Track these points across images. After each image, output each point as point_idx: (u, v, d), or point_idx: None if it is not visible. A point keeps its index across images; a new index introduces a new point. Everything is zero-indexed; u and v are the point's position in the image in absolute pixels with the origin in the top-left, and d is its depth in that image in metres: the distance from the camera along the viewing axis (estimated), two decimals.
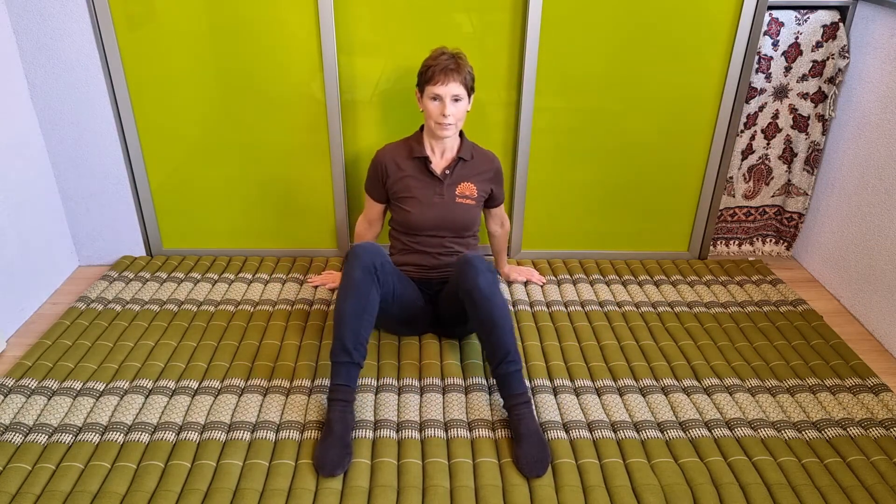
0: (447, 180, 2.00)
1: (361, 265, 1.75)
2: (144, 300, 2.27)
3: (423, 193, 1.99)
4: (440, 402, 1.82)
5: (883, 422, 1.78)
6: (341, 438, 1.61)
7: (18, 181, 2.21)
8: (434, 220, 2.00)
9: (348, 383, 1.71)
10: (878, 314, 2.20)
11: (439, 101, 1.87)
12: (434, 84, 1.85)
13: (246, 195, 2.51)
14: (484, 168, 2.05)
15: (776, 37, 2.34)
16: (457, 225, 2.01)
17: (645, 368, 1.97)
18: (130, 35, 2.22)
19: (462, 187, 2.01)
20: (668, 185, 2.54)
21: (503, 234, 2.29)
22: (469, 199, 2.02)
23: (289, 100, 2.33)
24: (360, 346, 1.73)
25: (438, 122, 1.88)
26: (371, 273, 1.76)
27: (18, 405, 1.77)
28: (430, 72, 1.85)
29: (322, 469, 1.56)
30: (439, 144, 1.99)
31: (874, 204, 2.24)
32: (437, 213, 1.99)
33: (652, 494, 1.53)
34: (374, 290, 1.76)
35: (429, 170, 1.98)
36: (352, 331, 1.72)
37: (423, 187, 1.99)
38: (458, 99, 1.88)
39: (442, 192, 1.99)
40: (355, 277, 1.74)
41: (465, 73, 1.87)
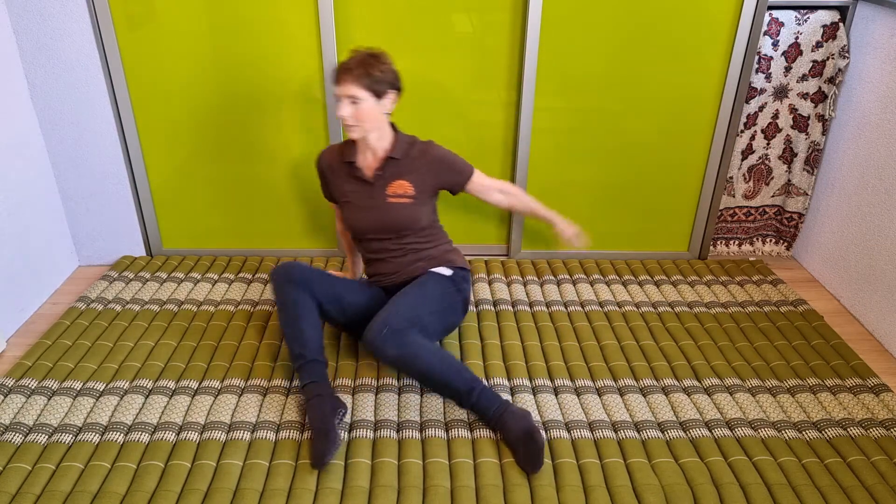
0: (378, 182, 1.94)
1: (280, 283, 1.83)
2: (144, 300, 2.27)
3: (357, 197, 1.96)
4: (441, 401, 1.82)
5: (883, 422, 1.78)
6: (323, 430, 1.63)
7: (18, 181, 2.21)
8: (370, 224, 1.96)
9: (313, 379, 1.74)
10: (879, 314, 2.20)
11: (340, 101, 1.82)
12: (334, 84, 1.82)
13: (246, 195, 2.51)
14: (417, 162, 1.95)
15: (776, 37, 2.34)
16: (394, 226, 1.94)
17: (645, 368, 1.97)
18: (130, 35, 2.22)
19: (394, 186, 1.93)
20: (668, 185, 2.54)
21: (514, 197, 2.08)
22: (404, 197, 1.93)
23: (289, 100, 2.33)
24: (309, 346, 1.78)
25: (344, 123, 1.85)
26: (289, 282, 1.82)
27: (18, 405, 1.77)
28: (335, 72, 1.82)
29: (313, 463, 1.58)
30: (368, 146, 1.94)
31: (874, 204, 2.24)
32: (371, 216, 1.95)
33: (652, 494, 1.53)
34: (301, 295, 1.81)
35: (356, 174, 1.96)
36: (296, 337, 1.79)
37: (356, 191, 1.97)
38: (355, 100, 1.79)
39: (373, 195, 1.95)
40: (278, 293, 1.83)
41: (362, 74, 1.77)
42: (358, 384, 1.88)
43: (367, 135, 1.88)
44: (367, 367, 1.94)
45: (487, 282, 2.43)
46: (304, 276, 1.83)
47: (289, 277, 1.82)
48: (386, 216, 1.94)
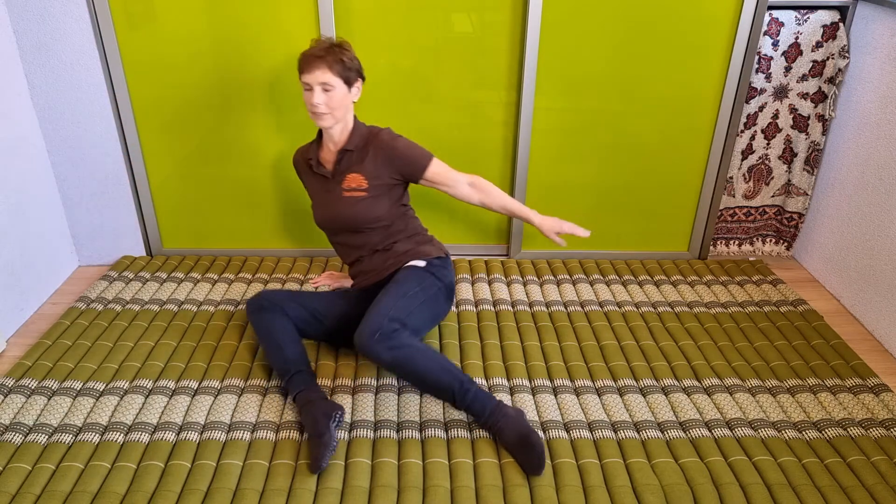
0: (336, 176, 1.92)
1: (251, 311, 1.89)
2: (144, 300, 2.27)
3: (317, 192, 1.97)
4: (440, 402, 1.82)
5: (883, 422, 1.78)
6: (317, 434, 1.63)
7: (18, 181, 2.21)
8: (328, 220, 1.95)
9: (302, 388, 1.76)
10: (879, 314, 2.20)
11: (310, 90, 1.80)
12: (302, 73, 1.80)
13: (246, 195, 2.51)
14: (372, 153, 1.88)
15: (776, 37, 2.34)
16: (350, 221, 1.90)
17: (645, 368, 1.97)
18: (130, 35, 2.22)
19: (348, 180, 1.89)
20: (668, 185, 2.54)
21: (483, 192, 1.95)
22: (358, 190, 1.88)
23: (289, 100, 2.33)
24: (290, 359, 1.81)
25: (312, 111, 1.83)
26: (262, 308, 1.86)
27: (18, 405, 1.77)
28: (300, 61, 1.81)
29: (310, 468, 1.58)
30: (330, 138, 1.92)
31: (874, 204, 2.24)
32: (329, 212, 1.94)
33: (652, 494, 1.53)
34: (273, 317, 1.85)
35: (314, 170, 1.95)
36: (275, 356, 1.82)
37: (316, 186, 1.97)
38: (328, 88, 1.78)
39: (330, 189, 1.93)
40: (254, 322, 1.87)
41: (333, 62, 1.77)
42: (358, 384, 1.88)
43: (336, 124, 1.86)
44: (367, 367, 1.94)
45: (487, 282, 2.43)
46: (273, 301, 1.88)
47: (259, 306, 1.88)
48: (341, 211, 1.90)
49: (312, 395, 1.73)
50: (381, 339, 1.67)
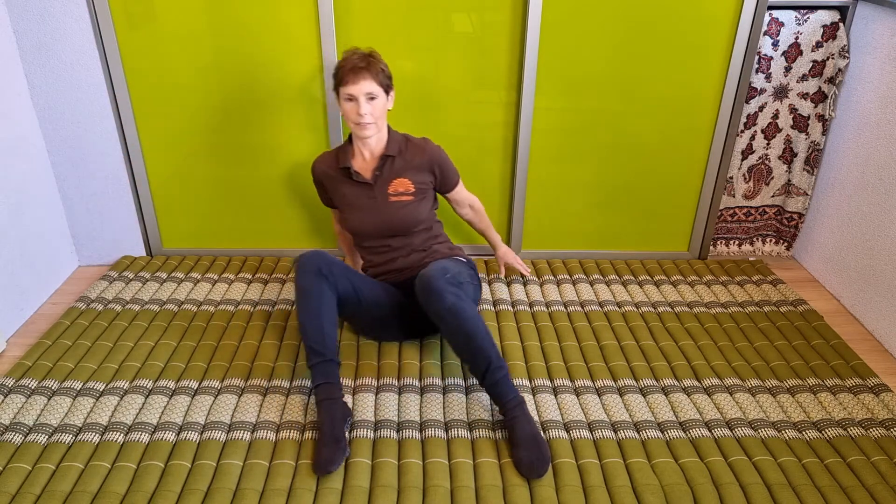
0: (378, 181, 1.95)
1: (305, 271, 1.77)
2: (144, 300, 2.27)
3: (357, 199, 1.97)
4: (441, 402, 1.82)
5: (883, 422, 1.78)
6: (332, 435, 1.62)
7: (18, 181, 2.21)
8: (374, 225, 1.97)
9: (328, 380, 1.72)
10: (879, 314, 2.20)
11: (354, 101, 1.83)
12: (346, 84, 1.82)
13: (246, 195, 2.51)
14: (417, 159, 1.97)
15: (776, 37, 2.34)
16: (397, 225, 1.96)
17: (645, 368, 1.97)
18: (130, 35, 2.22)
19: (395, 185, 1.95)
20: (668, 185, 2.54)
21: (474, 215, 2.22)
22: (405, 195, 1.95)
23: (289, 100, 2.33)
24: (328, 345, 1.74)
25: (357, 122, 1.85)
26: (317, 274, 1.77)
27: (18, 405, 1.77)
28: (341, 73, 1.83)
29: (316, 468, 1.56)
30: (366, 146, 1.95)
31: (874, 204, 2.24)
32: (373, 217, 1.96)
33: (652, 494, 1.53)
34: (326, 289, 1.77)
35: (353, 177, 1.96)
36: (314, 332, 1.74)
37: (355, 194, 1.97)
38: (373, 97, 1.83)
39: (374, 195, 1.96)
40: (303, 282, 1.77)
41: (376, 71, 1.82)
42: (358, 384, 1.88)
43: (378, 132, 1.90)
44: (367, 368, 1.94)
45: (487, 282, 2.43)
46: (330, 269, 1.79)
47: (316, 268, 1.77)
48: (389, 216, 1.95)
49: (336, 394, 1.71)
50: (449, 281, 1.70)
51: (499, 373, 1.69)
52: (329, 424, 1.64)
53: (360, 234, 1.99)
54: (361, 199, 1.96)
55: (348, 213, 1.99)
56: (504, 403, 1.69)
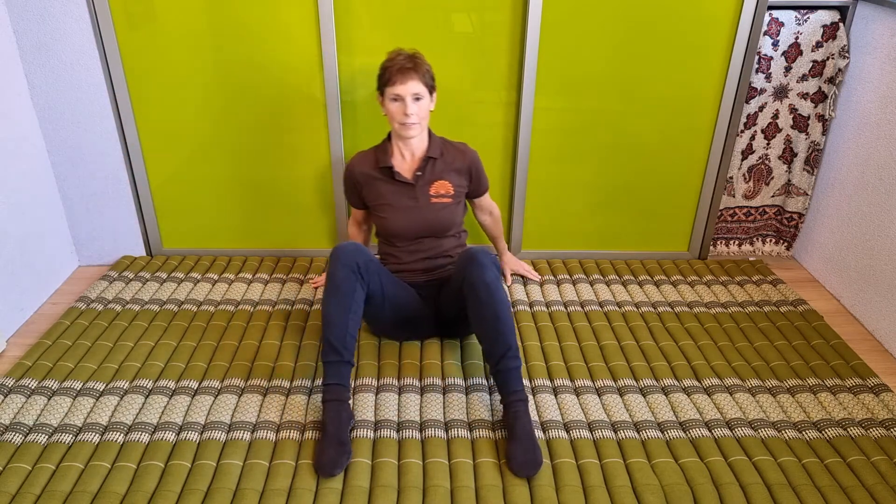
0: (420, 182, 1.97)
1: (343, 264, 1.75)
2: (144, 300, 2.27)
3: (397, 199, 1.97)
4: (441, 402, 1.82)
5: (883, 422, 1.78)
6: (337, 437, 1.61)
7: (18, 181, 2.21)
8: (414, 225, 1.97)
9: (340, 382, 1.71)
10: (879, 314, 2.20)
11: (400, 101, 1.85)
12: (393, 85, 1.83)
13: (246, 195, 2.51)
14: (457, 163, 2.01)
15: (776, 37, 2.34)
16: (437, 226, 1.98)
17: (645, 368, 1.97)
18: (130, 35, 2.22)
19: (436, 186, 1.98)
20: (668, 185, 2.54)
21: (493, 222, 2.27)
22: (445, 197, 1.98)
23: (289, 100, 2.33)
24: (348, 345, 1.73)
25: (402, 122, 1.87)
26: (353, 271, 1.75)
27: (18, 405, 1.77)
28: (388, 73, 1.84)
29: (320, 469, 1.56)
30: (407, 147, 1.97)
31: (874, 204, 2.24)
32: (413, 217, 1.97)
33: (652, 494, 1.53)
34: (359, 288, 1.76)
35: (396, 178, 1.96)
36: (339, 330, 1.72)
37: (396, 193, 1.97)
38: (419, 97, 1.85)
39: (416, 196, 1.97)
40: (338, 276, 1.74)
41: (422, 72, 1.84)
42: (358, 384, 1.88)
43: (421, 133, 1.92)
44: (367, 368, 1.94)
45: None
46: (367, 267, 1.78)
47: (354, 264, 1.75)
48: (429, 216, 1.97)
49: (345, 396, 1.70)
50: (493, 261, 1.75)
51: (514, 362, 1.70)
52: (335, 426, 1.63)
53: (396, 233, 1.99)
54: (402, 200, 1.97)
55: (386, 213, 1.98)
56: (510, 394, 1.69)
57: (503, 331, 1.70)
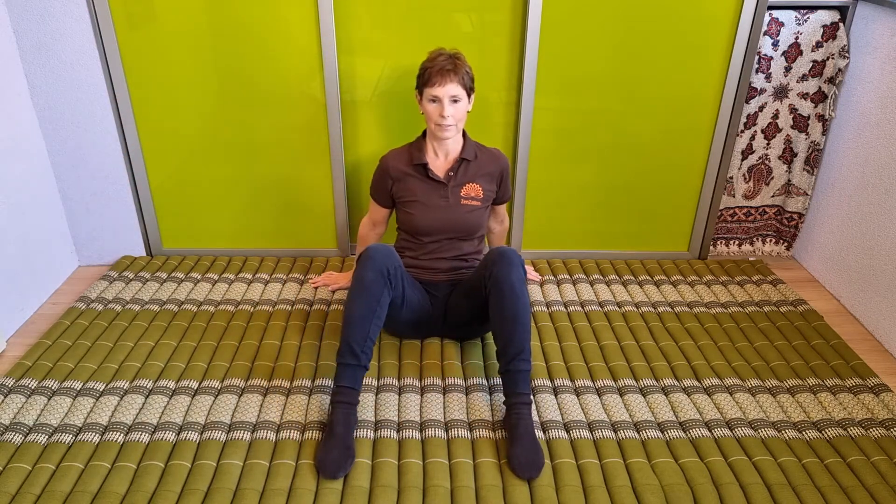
0: (452, 182, 1.97)
1: (374, 267, 1.74)
2: (144, 300, 2.27)
3: (428, 198, 1.97)
4: (441, 402, 1.82)
5: (883, 422, 1.78)
6: (343, 440, 1.61)
7: (18, 181, 2.21)
8: (440, 224, 1.98)
9: (353, 385, 1.70)
10: (879, 314, 2.20)
11: (438, 102, 1.85)
12: (432, 86, 1.84)
13: (246, 195, 2.51)
14: (490, 167, 2.02)
15: (776, 37, 2.34)
16: (464, 227, 1.99)
17: (645, 368, 1.97)
18: (130, 35, 2.22)
19: (467, 189, 1.99)
20: (668, 185, 2.54)
21: (501, 232, 2.27)
22: (475, 200, 2.00)
23: (289, 100, 2.33)
24: (367, 349, 1.72)
25: (438, 123, 1.87)
26: (383, 276, 1.74)
27: (18, 405, 1.77)
28: (428, 74, 1.85)
29: (323, 471, 1.56)
30: (442, 147, 1.97)
31: (874, 204, 2.24)
32: (442, 216, 1.97)
33: (652, 494, 1.53)
34: (386, 294, 1.75)
35: (430, 175, 1.97)
36: (360, 333, 1.71)
37: (427, 192, 1.98)
38: (457, 100, 1.86)
39: (447, 195, 1.97)
40: (367, 279, 1.73)
41: (462, 74, 1.85)
42: None
43: (457, 134, 1.93)
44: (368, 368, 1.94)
45: None
46: (395, 272, 1.78)
47: (385, 268, 1.74)
48: (457, 217, 1.97)
49: (355, 400, 1.69)
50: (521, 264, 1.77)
51: (525, 365, 1.71)
52: (342, 429, 1.63)
53: (423, 230, 1.99)
54: (433, 198, 1.97)
55: (416, 209, 1.98)
56: (515, 395, 1.69)
57: (519, 332, 1.71)
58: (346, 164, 2.46)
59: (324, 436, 1.65)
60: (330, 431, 1.63)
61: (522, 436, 1.62)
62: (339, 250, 2.62)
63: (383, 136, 2.41)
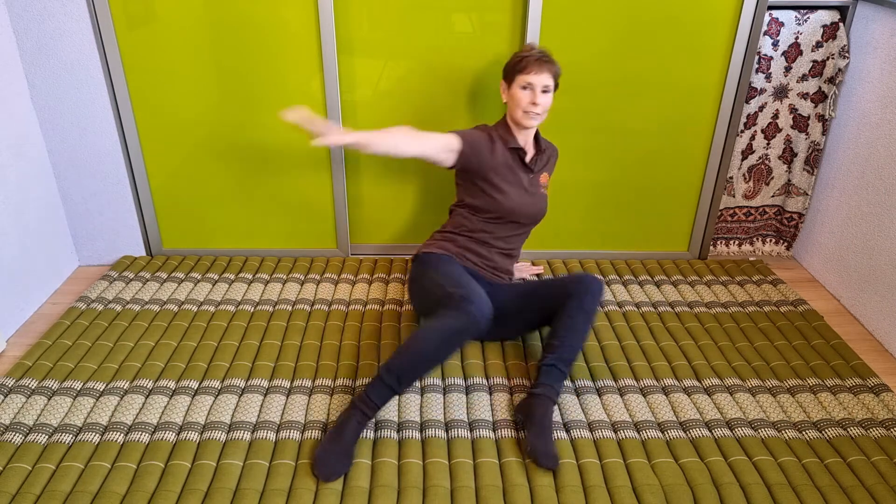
0: (536, 170, 2.05)
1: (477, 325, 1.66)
2: (144, 300, 2.27)
3: (516, 180, 2.01)
4: (440, 402, 1.82)
5: (883, 422, 1.78)
6: (347, 448, 1.60)
7: (19, 181, 2.21)
8: (524, 209, 2.02)
9: (381, 403, 1.66)
10: (879, 314, 2.20)
11: (530, 89, 1.92)
12: (527, 73, 1.91)
13: (246, 195, 2.51)
14: (552, 160, 2.14)
15: (776, 37, 2.34)
16: (538, 215, 2.07)
17: (645, 368, 1.97)
18: (130, 35, 2.22)
19: (542, 177, 2.08)
20: (668, 185, 2.54)
21: None
22: (545, 188, 2.09)
23: (289, 100, 2.33)
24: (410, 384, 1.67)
25: (527, 110, 1.93)
26: (480, 331, 1.68)
27: (18, 405, 1.77)
28: (524, 62, 1.92)
29: (319, 473, 1.55)
30: (523, 135, 2.03)
31: (874, 204, 2.24)
32: (527, 201, 2.03)
33: (652, 494, 1.53)
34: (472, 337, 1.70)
35: (522, 161, 2.02)
36: (419, 373, 1.65)
37: (518, 176, 2.02)
38: (547, 90, 1.93)
39: (533, 182, 2.05)
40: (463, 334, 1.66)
41: (555, 68, 1.94)
42: (359, 384, 1.88)
43: (539, 123, 1.99)
44: (367, 368, 1.94)
45: None
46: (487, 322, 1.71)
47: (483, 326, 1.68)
48: (537, 203, 2.05)
49: (371, 414, 1.66)
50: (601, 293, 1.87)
51: (567, 368, 1.78)
52: (351, 436, 1.62)
53: (507, 213, 2.00)
54: (520, 181, 2.02)
55: (507, 189, 1.97)
56: (549, 388, 1.73)
57: (579, 344, 1.80)
58: (346, 164, 2.46)
59: (328, 434, 1.64)
60: (338, 434, 1.62)
61: (545, 429, 1.65)
62: (339, 250, 2.62)
63: None
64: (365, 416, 1.65)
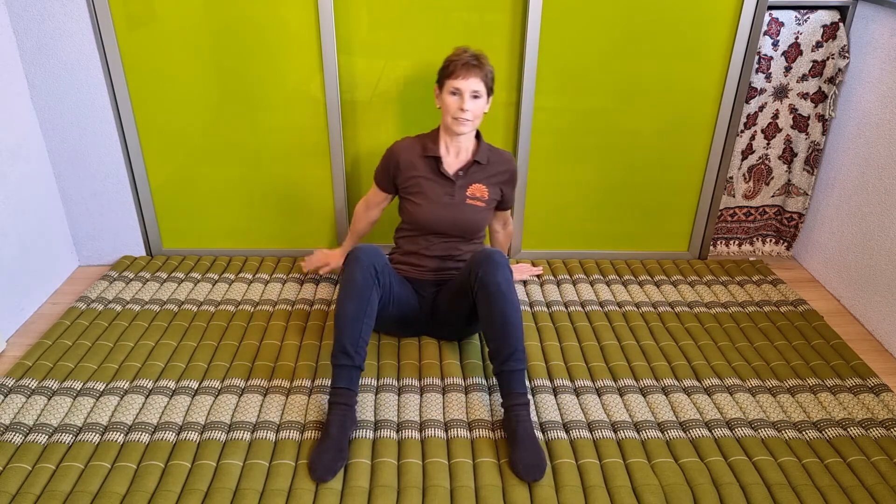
0: (459, 181, 1.98)
1: (362, 267, 1.75)
2: (144, 300, 2.27)
3: (434, 192, 1.97)
4: (440, 402, 1.82)
5: (883, 422, 1.78)
6: (337, 443, 1.61)
7: (19, 181, 2.21)
8: (442, 220, 1.97)
9: (349, 387, 1.70)
10: (879, 314, 2.20)
11: (458, 95, 1.86)
12: (455, 78, 1.85)
13: (246, 195, 2.51)
14: (499, 171, 2.02)
15: (776, 37, 2.34)
16: (465, 227, 1.99)
17: (645, 368, 1.97)
18: (130, 35, 2.22)
19: (473, 189, 1.99)
20: (668, 185, 2.54)
21: (505, 236, 2.26)
22: (479, 201, 2.00)
23: (289, 100, 2.33)
24: (360, 349, 1.72)
25: (455, 116, 1.87)
26: (372, 276, 1.76)
27: (18, 405, 1.77)
28: (452, 66, 1.86)
29: (314, 473, 1.56)
30: (454, 143, 1.97)
31: (874, 204, 2.24)
32: (445, 213, 1.97)
33: (652, 494, 1.53)
34: (375, 293, 1.76)
35: (440, 170, 1.97)
36: (353, 334, 1.71)
37: (433, 186, 1.98)
38: (477, 95, 1.87)
39: (453, 193, 1.97)
40: (357, 280, 1.74)
41: (486, 72, 1.87)
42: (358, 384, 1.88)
43: (471, 131, 1.94)
44: (367, 368, 1.94)
45: None
46: (383, 269, 1.80)
47: (373, 266, 1.76)
48: (460, 215, 1.98)
49: (352, 401, 1.69)
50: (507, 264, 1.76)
51: (519, 364, 1.71)
52: (337, 431, 1.63)
53: (423, 225, 1.99)
54: (438, 193, 1.97)
55: (420, 201, 1.98)
56: (512, 396, 1.69)
57: (511, 332, 1.71)
58: (346, 164, 2.46)
59: (319, 436, 1.65)
60: (326, 433, 1.63)
61: (523, 439, 1.62)
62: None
63: (383, 136, 2.41)
64: (343, 405, 1.67)
